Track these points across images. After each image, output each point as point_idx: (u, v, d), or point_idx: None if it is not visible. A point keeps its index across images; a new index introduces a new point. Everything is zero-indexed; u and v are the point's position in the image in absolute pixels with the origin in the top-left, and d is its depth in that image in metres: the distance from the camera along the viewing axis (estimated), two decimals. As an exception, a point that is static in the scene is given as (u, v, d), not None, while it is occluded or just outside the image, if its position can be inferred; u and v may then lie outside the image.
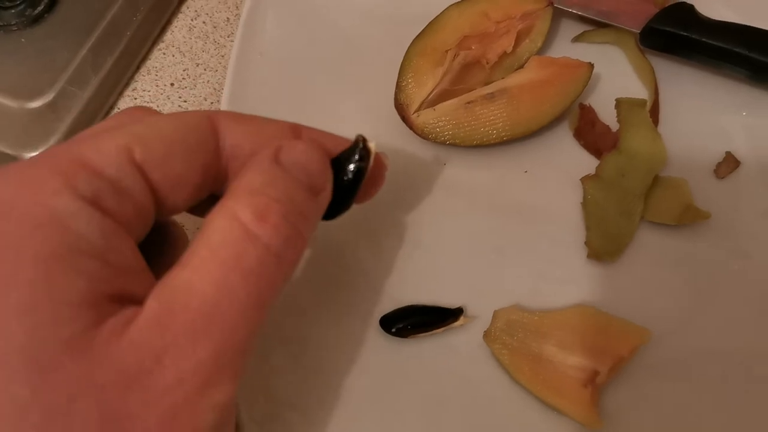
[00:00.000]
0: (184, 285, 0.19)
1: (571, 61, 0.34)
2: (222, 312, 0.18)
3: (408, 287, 0.31)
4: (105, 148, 0.19)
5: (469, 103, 0.33)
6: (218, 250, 0.19)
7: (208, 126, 0.22)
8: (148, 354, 0.17)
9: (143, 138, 0.20)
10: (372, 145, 0.24)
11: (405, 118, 0.33)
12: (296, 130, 0.24)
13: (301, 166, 0.22)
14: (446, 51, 0.34)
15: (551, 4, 0.35)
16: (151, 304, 0.18)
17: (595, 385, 0.28)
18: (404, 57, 0.34)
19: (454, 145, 0.33)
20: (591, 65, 0.34)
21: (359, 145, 0.23)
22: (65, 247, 0.18)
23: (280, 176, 0.21)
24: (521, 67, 0.35)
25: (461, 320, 0.30)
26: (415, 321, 0.30)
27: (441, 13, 0.35)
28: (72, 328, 0.17)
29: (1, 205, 0.18)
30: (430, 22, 0.35)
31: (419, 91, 0.34)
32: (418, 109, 0.33)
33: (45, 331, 0.17)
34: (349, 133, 0.24)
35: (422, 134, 0.33)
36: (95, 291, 0.18)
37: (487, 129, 0.33)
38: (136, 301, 0.19)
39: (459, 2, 0.36)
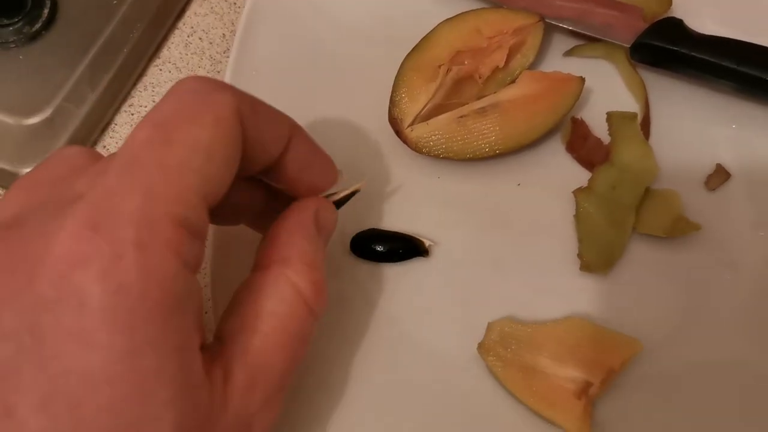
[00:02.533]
0: (261, 357, 0.22)
1: (562, 75, 0.34)
2: (288, 376, 0.23)
3: (402, 299, 0.32)
4: (193, 202, 0.20)
5: (461, 117, 0.34)
6: (287, 324, 0.23)
7: (241, 131, 0.22)
8: (244, 421, 0.22)
9: (210, 179, 0.20)
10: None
11: (399, 132, 0.34)
12: (293, 130, 0.25)
13: (329, 227, 0.27)
14: (439, 66, 0.34)
15: (542, 19, 0.36)
16: (239, 375, 0.22)
17: (588, 396, 0.28)
18: (398, 72, 0.35)
19: (447, 159, 0.34)
20: (582, 79, 0.34)
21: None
22: (186, 327, 0.20)
23: (321, 246, 0.26)
24: (513, 81, 0.35)
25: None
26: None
27: (434, 28, 0.36)
28: (205, 403, 0.20)
29: (132, 290, 0.18)
30: (423, 38, 0.36)
31: (413, 105, 0.34)
32: (412, 124, 0.34)
33: (192, 415, 0.19)
34: (344, 148, 0.25)
35: (416, 148, 0.34)
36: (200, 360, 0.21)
37: (479, 143, 0.34)
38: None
39: (451, 18, 0.36)
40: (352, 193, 0.29)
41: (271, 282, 0.24)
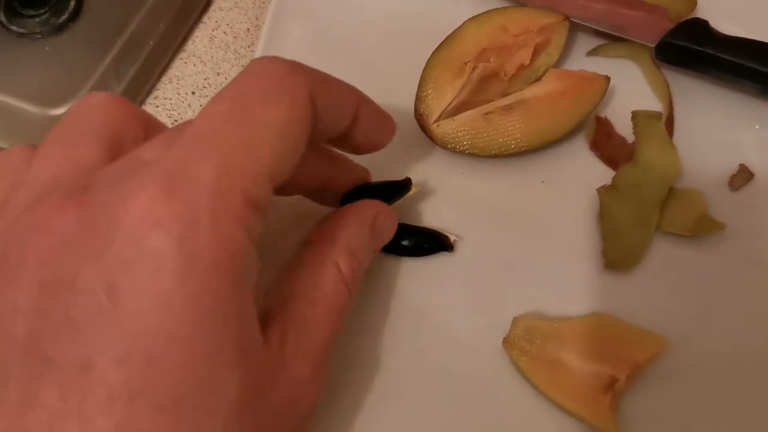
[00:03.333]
0: (311, 324, 0.24)
1: (587, 74, 0.35)
2: (330, 348, 0.25)
3: (427, 292, 0.32)
4: (263, 180, 0.20)
5: (487, 114, 0.34)
6: (330, 297, 0.25)
7: (313, 112, 0.22)
8: (297, 388, 0.23)
9: (281, 159, 0.21)
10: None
11: (425, 128, 0.34)
12: (360, 101, 0.26)
13: (384, 234, 0.29)
14: (465, 63, 0.35)
15: (567, 18, 0.36)
16: (293, 339, 0.23)
17: (614, 392, 0.28)
18: (424, 68, 0.35)
19: (472, 155, 0.34)
20: (607, 78, 0.34)
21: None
22: (247, 296, 0.21)
23: (370, 245, 0.28)
24: (538, 79, 0.35)
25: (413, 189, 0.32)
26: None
27: (460, 26, 0.36)
28: (265, 365, 0.22)
29: (205, 256, 0.19)
30: (449, 35, 0.36)
31: (439, 101, 0.34)
32: (438, 119, 0.34)
33: (252, 378, 0.20)
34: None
35: (442, 144, 0.34)
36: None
37: (505, 139, 0.34)
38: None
39: (477, 16, 0.36)
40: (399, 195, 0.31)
41: (317, 257, 0.26)
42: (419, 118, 0.34)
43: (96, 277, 0.18)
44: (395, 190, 0.31)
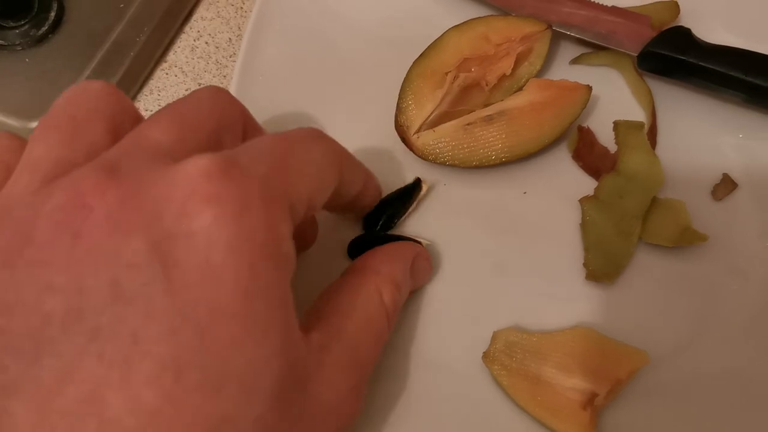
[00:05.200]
0: (354, 341, 0.25)
1: (569, 83, 0.34)
2: (370, 369, 0.26)
3: (406, 306, 0.32)
4: (298, 198, 0.22)
5: (468, 124, 0.34)
6: (374, 320, 0.26)
7: (340, 171, 0.26)
8: (335, 400, 0.23)
9: (313, 191, 0.23)
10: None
11: (405, 140, 0.34)
12: (367, 178, 0.30)
13: (420, 275, 0.31)
14: (446, 73, 0.34)
15: (550, 27, 0.36)
16: (336, 350, 0.24)
17: (594, 407, 0.28)
18: (405, 79, 0.35)
19: (453, 166, 0.34)
20: (589, 88, 0.34)
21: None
22: (288, 286, 0.21)
23: (409, 282, 0.29)
24: (520, 89, 0.35)
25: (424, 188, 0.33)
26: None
27: (441, 35, 0.36)
28: (303, 359, 0.22)
29: (257, 237, 0.19)
30: (430, 45, 0.36)
31: (419, 112, 0.34)
32: (418, 131, 0.34)
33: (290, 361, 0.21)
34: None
35: (422, 155, 0.34)
36: None
37: (486, 150, 0.34)
38: None
39: (459, 25, 0.36)
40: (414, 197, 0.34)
41: (363, 283, 0.27)
42: (399, 129, 0.34)
43: (146, 250, 0.18)
44: (410, 193, 0.33)
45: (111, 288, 0.18)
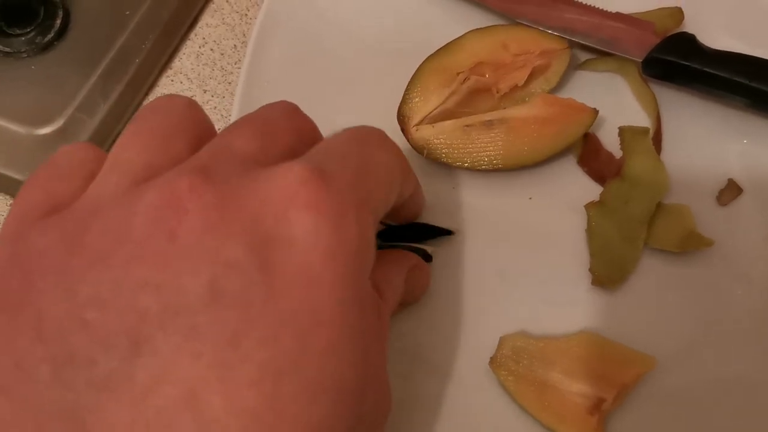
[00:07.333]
0: None
1: (575, 103, 0.34)
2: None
3: (411, 311, 0.32)
4: (374, 206, 0.23)
5: (467, 126, 0.34)
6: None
7: (402, 179, 0.26)
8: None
9: (385, 199, 0.24)
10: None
11: (404, 130, 0.34)
12: (416, 187, 0.30)
13: (417, 286, 0.31)
14: (458, 73, 0.35)
15: (570, 47, 0.36)
16: None
17: (601, 412, 0.28)
18: (416, 72, 0.35)
19: (452, 167, 0.34)
20: (595, 111, 0.34)
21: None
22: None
23: (402, 287, 0.29)
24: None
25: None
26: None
27: (461, 35, 0.36)
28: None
29: (352, 244, 0.20)
30: (448, 43, 0.36)
31: (423, 106, 0.34)
32: (419, 124, 0.34)
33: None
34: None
35: (418, 149, 0.34)
36: None
37: (479, 155, 0.34)
38: None
39: (480, 29, 0.36)
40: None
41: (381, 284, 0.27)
42: (400, 119, 0.34)
43: (245, 252, 0.18)
44: (434, 234, 0.33)
45: (209, 289, 0.18)
